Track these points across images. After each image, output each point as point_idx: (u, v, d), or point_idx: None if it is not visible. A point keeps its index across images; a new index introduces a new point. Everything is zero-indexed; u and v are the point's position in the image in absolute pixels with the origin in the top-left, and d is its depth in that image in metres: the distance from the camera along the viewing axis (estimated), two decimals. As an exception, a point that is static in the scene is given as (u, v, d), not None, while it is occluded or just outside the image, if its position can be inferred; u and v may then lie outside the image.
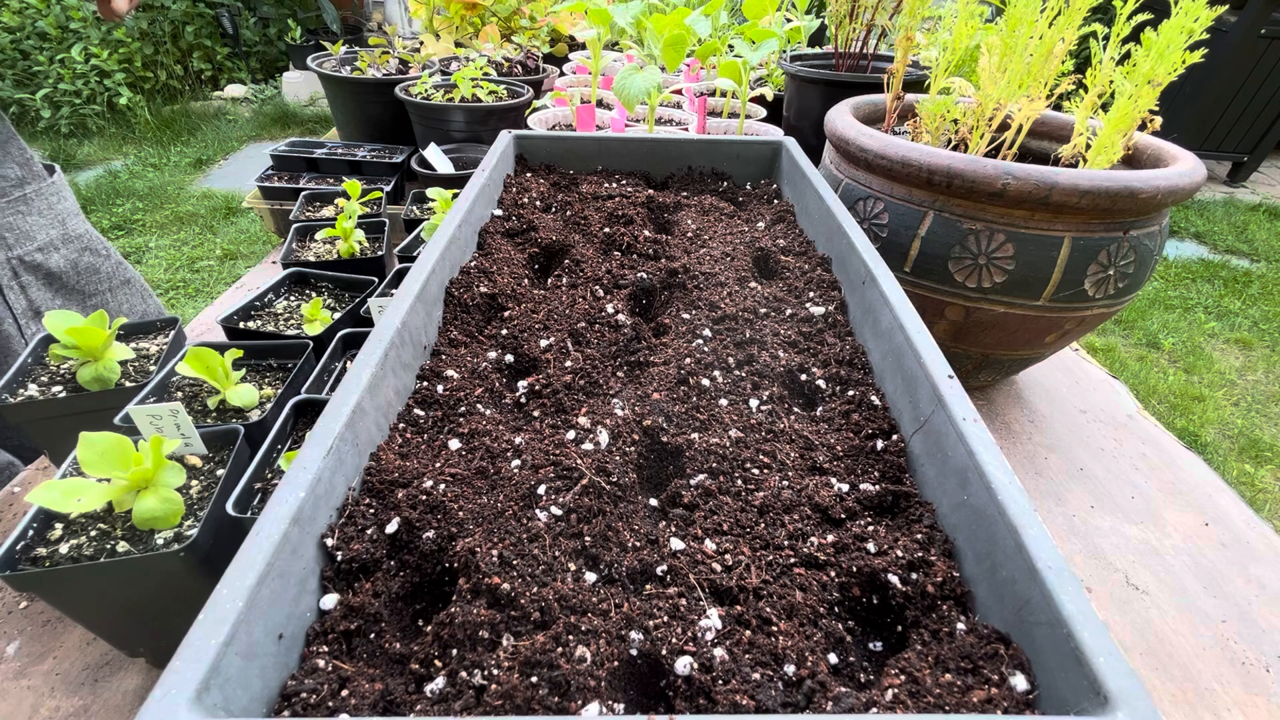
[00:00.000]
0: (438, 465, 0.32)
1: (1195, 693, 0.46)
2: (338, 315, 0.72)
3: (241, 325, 0.71)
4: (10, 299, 0.68)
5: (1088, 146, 0.64)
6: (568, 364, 0.39)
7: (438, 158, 1.06)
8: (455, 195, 0.77)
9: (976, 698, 0.22)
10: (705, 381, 0.38)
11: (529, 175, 0.65)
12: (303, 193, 0.99)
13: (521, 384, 0.39)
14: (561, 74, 1.36)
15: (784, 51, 1.14)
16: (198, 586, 0.38)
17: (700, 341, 0.42)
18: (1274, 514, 1.87)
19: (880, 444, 0.35)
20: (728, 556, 0.28)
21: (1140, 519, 0.61)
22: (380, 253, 0.84)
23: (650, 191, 0.64)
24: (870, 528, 0.30)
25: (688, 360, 0.40)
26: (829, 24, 1.10)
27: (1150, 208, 0.55)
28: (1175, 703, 0.46)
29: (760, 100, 1.16)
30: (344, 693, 0.23)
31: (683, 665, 0.23)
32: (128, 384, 0.60)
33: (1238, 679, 0.48)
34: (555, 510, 0.29)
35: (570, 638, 0.24)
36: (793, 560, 0.28)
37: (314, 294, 0.78)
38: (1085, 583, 0.54)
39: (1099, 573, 0.55)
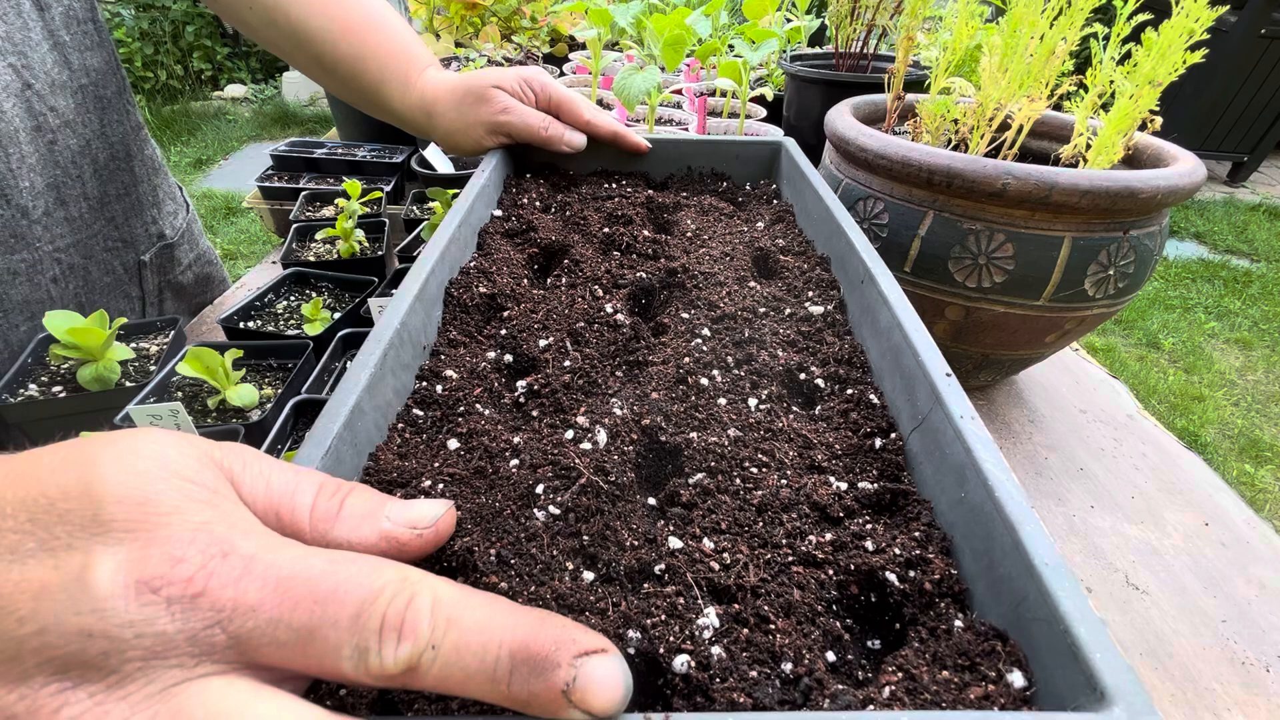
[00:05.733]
0: (436, 465, 0.32)
1: (1195, 693, 0.46)
2: (338, 315, 0.72)
3: (241, 325, 0.71)
4: (149, 315, 0.80)
5: (1088, 146, 0.64)
6: (566, 364, 0.39)
7: (438, 158, 1.06)
8: (455, 195, 0.77)
9: (974, 694, 0.22)
10: (704, 381, 0.38)
11: (528, 176, 0.65)
12: (303, 193, 0.99)
13: (520, 384, 0.39)
14: (561, 74, 1.37)
15: (784, 51, 1.14)
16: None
17: (699, 341, 0.42)
18: (1274, 514, 1.87)
19: (878, 442, 0.35)
20: (726, 555, 0.28)
21: (1140, 519, 0.60)
22: (380, 253, 0.84)
23: (649, 192, 0.64)
24: (868, 526, 0.30)
25: (686, 359, 0.40)
26: (829, 24, 1.10)
27: (1150, 208, 0.55)
28: (1175, 703, 0.46)
29: (760, 100, 1.16)
30: (342, 691, 0.23)
31: (680, 663, 0.23)
32: (128, 384, 0.60)
33: (1238, 679, 0.47)
34: (553, 509, 0.29)
35: (568, 637, 0.24)
36: (791, 559, 0.28)
37: (314, 294, 0.78)
38: (1085, 583, 0.54)
39: (1099, 573, 0.55)
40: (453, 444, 0.34)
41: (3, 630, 0.16)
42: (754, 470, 0.32)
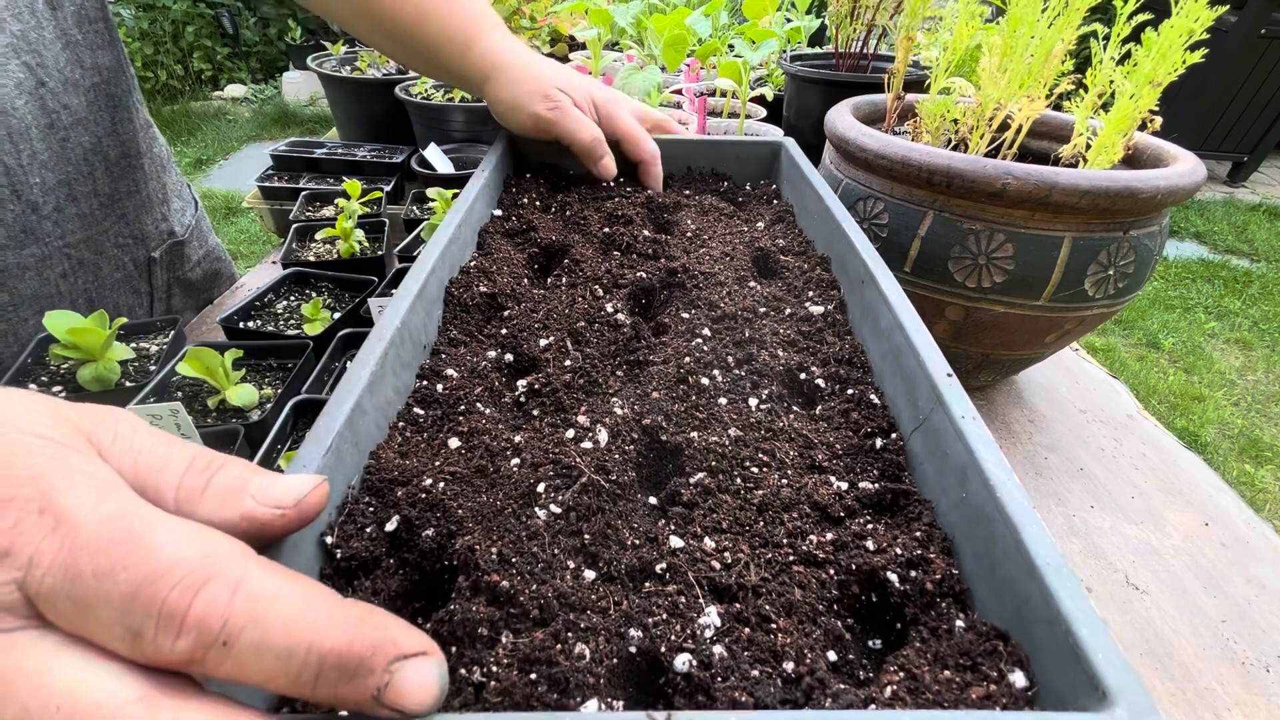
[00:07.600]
0: (437, 464, 0.32)
1: (1195, 693, 0.46)
2: (338, 315, 0.72)
3: (241, 325, 0.71)
4: (156, 311, 0.81)
5: (1088, 146, 0.64)
6: (567, 363, 0.39)
7: (438, 158, 1.06)
8: (455, 195, 0.77)
9: (975, 694, 0.22)
10: (705, 380, 0.38)
11: (529, 175, 0.65)
12: (303, 193, 0.99)
13: (521, 383, 0.39)
14: (561, 74, 1.36)
15: (784, 51, 1.14)
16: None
17: (700, 340, 0.42)
18: (1274, 514, 1.87)
19: (879, 442, 0.35)
20: (727, 554, 0.28)
21: (1140, 519, 0.60)
22: (380, 253, 0.84)
23: (649, 191, 0.64)
24: (869, 525, 0.30)
25: (687, 359, 0.40)
26: (829, 24, 1.10)
27: (1150, 208, 0.55)
28: (1175, 703, 0.46)
29: (760, 100, 1.16)
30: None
31: (682, 662, 0.23)
32: (128, 384, 0.60)
33: (1238, 679, 0.48)
34: (554, 508, 0.29)
35: (569, 635, 0.24)
36: (792, 558, 0.28)
37: (314, 294, 0.78)
38: (1085, 583, 0.54)
39: (1099, 572, 0.55)
40: (454, 443, 0.34)
41: None
42: (755, 470, 0.33)
